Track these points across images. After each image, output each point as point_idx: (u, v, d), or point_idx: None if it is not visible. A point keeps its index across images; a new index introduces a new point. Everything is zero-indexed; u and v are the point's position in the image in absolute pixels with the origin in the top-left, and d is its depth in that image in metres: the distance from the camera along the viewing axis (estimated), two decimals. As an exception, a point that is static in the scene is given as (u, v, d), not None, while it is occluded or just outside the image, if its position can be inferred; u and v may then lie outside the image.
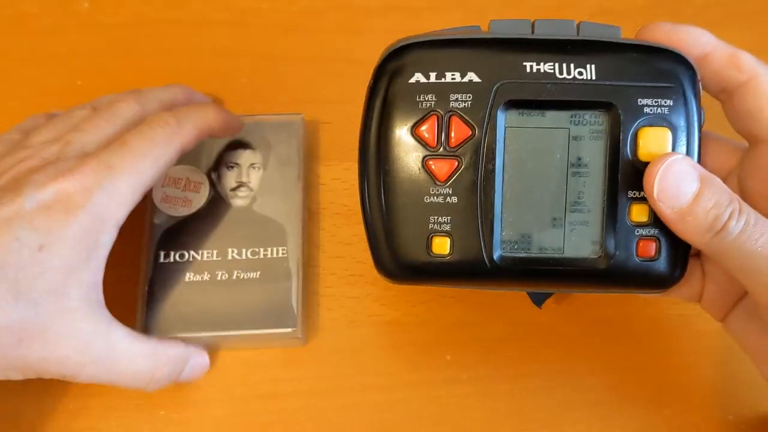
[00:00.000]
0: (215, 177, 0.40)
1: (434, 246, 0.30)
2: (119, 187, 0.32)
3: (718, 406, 0.38)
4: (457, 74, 0.30)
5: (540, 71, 0.29)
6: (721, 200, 0.28)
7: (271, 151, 0.40)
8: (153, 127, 0.34)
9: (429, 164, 0.30)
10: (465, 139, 0.30)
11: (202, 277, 0.37)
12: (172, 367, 0.35)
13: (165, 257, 0.38)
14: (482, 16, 0.39)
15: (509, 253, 0.31)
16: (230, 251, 0.38)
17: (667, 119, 0.29)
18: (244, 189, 0.39)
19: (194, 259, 0.38)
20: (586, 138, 0.30)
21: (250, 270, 0.38)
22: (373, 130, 0.30)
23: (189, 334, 0.36)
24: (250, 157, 0.40)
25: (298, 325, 0.37)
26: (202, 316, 0.37)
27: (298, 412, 0.37)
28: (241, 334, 0.37)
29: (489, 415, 0.37)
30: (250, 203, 0.39)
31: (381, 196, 0.30)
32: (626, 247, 0.30)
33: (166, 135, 0.34)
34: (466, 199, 0.30)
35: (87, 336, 0.31)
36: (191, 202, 0.39)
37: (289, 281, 0.37)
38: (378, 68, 0.30)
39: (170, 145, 0.34)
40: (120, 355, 0.32)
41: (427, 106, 0.30)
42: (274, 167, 0.40)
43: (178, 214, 0.39)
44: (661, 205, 0.28)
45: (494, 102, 0.29)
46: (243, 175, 0.40)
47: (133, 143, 0.33)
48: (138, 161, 0.33)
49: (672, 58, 0.30)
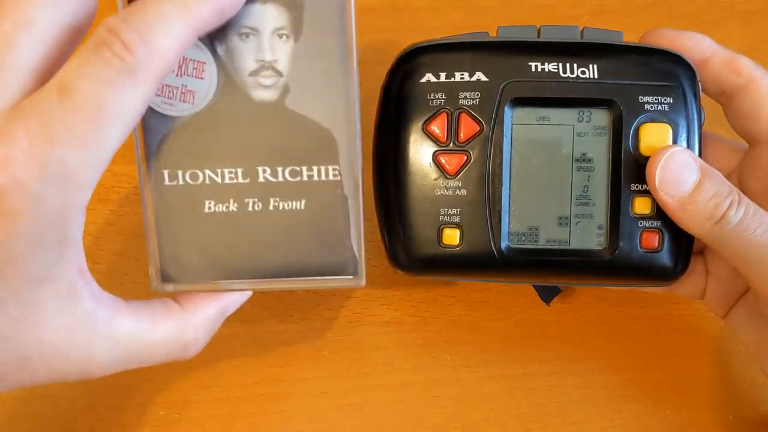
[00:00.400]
0: (223, 52, 0.27)
1: (445, 237, 0.31)
2: (71, 166, 0.23)
3: (719, 406, 0.38)
4: (466, 74, 0.31)
5: (545, 71, 0.31)
6: (720, 190, 0.29)
7: (303, 7, 0.27)
8: (104, 58, 0.23)
9: (439, 159, 0.31)
10: (473, 135, 0.31)
11: (226, 206, 0.28)
12: (209, 331, 0.29)
13: (171, 178, 0.28)
14: (484, 16, 0.40)
15: (517, 244, 0.32)
16: (261, 170, 0.28)
17: (668, 115, 0.31)
18: (269, 73, 0.28)
19: (212, 181, 0.28)
20: (590, 134, 0.31)
21: (292, 197, 0.28)
22: (387, 127, 0.32)
23: (215, 282, 0.29)
24: (273, 17, 0.27)
25: (360, 271, 0.29)
26: (233, 258, 0.29)
27: (298, 413, 0.37)
28: (282, 281, 0.29)
29: (489, 416, 0.37)
30: (281, 96, 0.28)
31: (394, 190, 0.31)
32: (630, 238, 0.31)
33: (127, 71, 0.23)
34: (475, 192, 0.31)
35: (86, 347, 0.26)
36: (193, 94, 0.28)
37: (345, 215, 0.28)
38: (391, 70, 0.32)
39: (139, 89, 0.24)
40: (135, 352, 0.28)
41: (438, 104, 0.31)
42: (311, 35, 0.27)
43: (179, 113, 0.28)
44: (662, 194, 0.29)
45: (501, 99, 0.31)
46: (265, 50, 0.27)
47: (79, 90, 0.23)
48: (92, 121, 0.23)
49: (671, 59, 0.31)
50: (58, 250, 0.24)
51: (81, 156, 0.23)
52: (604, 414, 0.37)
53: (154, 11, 0.24)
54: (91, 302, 0.26)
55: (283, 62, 0.27)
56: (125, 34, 0.23)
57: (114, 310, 0.27)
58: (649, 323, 0.38)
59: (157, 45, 0.24)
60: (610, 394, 0.38)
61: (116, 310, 0.27)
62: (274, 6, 0.27)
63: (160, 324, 0.28)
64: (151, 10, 0.24)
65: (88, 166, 0.24)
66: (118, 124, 0.24)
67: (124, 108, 0.24)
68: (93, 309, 0.26)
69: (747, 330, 0.34)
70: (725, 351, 0.38)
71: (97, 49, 0.23)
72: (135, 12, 0.24)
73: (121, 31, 0.23)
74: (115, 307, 0.27)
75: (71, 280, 0.25)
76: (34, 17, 0.24)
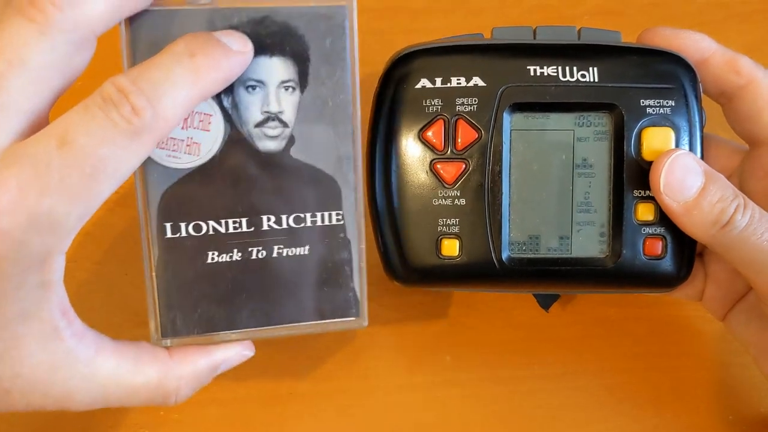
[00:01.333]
0: (229, 104, 0.28)
1: (444, 248, 0.30)
2: (58, 216, 0.23)
3: (719, 406, 0.38)
4: (463, 79, 0.30)
5: (544, 74, 0.30)
6: (726, 194, 0.29)
7: (309, 61, 0.28)
8: (110, 118, 0.23)
9: (437, 167, 0.30)
10: (472, 142, 0.30)
11: (230, 256, 0.28)
12: (194, 384, 0.29)
13: (173, 231, 0.28)
14: (482, 16, 0.40)
15: (518, 254, 0.31)
16: (265, 219, 0.28)
17: (670, 119, 0.30)
18: (275, 124, 0.28)
19: (216, 232, 0.28)
20: (591, 139, 0.31)
21: (296, 244, 0.28)
22: (381, 136, 0.31)
23: (218, 334, 0.29)
24: (280, 71, 0.27)
25: (363, 311, 0.29)
26: (234, 309, 0.28)
27: (298, 414, 0.37)
28: (285, 328, 0.29)
29: (489, 417, 0.37)
30: (286, 146, 0.28)
31: (390, 200, 0.31)
32: (633, 245, 0.30)
33: (132, 133, 0.24)
34: (474, 201, 0.30)
35: (65, 384, 0.26)
36: (199, 146, 0.27)
37: (348, 258, 0.29)
38: (384, 75, 0.31)
39: (137, 149, 0.24)
40: (114, 393, 0.27)
41: (434, 111, 0.30)
42: (317, 87, 0.28)
43: (183, 165, 0.27)
44: (667, 199, 0.29)
45: (500, 105, 0.30)
46: (272, 102, 0.28)
47: (81, 146, 0.23)
48: (88, 176, 0.23)
49: (672, 60, 0.30)
50: (40, 291, 0.25)
51: (70, 208, 0.24)
52: (604, 416, 0.37)
53: (164, 76, 0.24)
54: (73, 341, 0.26)
55: (289, 113, 0.28)
56: (135, 97, 0.23)
57: (97, 349, 0.27)
58: (648, 324, 0.38)
59: (165, 110, 0.24)
60: (610, 396, 0.38)
61: (99, 349, 0.27)
62: (280, 60, 0.27)
63: (143, 369, 0.27)
64: (162, 75, 0.24)
65: (74, 216, 0.24)
66: (113, 181, 0.24)
67: (121, 166, 0.24)
68: (74, 347, 0.26)
69: (747, 332, 0.33)
70: (725, 352, 0.38)
71: (104, 107, 0.23)
72: (145, 75, 0.24)
73: (130, 93, 0.23)
74: (98, 346, 0.27)
75: (53, 320, 0.25)
76: (28, 59, 0.23)
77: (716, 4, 0.41)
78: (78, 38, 0.24)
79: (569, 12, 0.40)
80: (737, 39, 0.40)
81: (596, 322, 0.38)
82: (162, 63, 0.25)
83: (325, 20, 0.28)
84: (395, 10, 0.40)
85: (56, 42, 0.24)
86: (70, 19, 0.24)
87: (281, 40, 0.27)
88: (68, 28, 0.24)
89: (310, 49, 0.28)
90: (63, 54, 0.24)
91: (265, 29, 0.27)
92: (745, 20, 0.41)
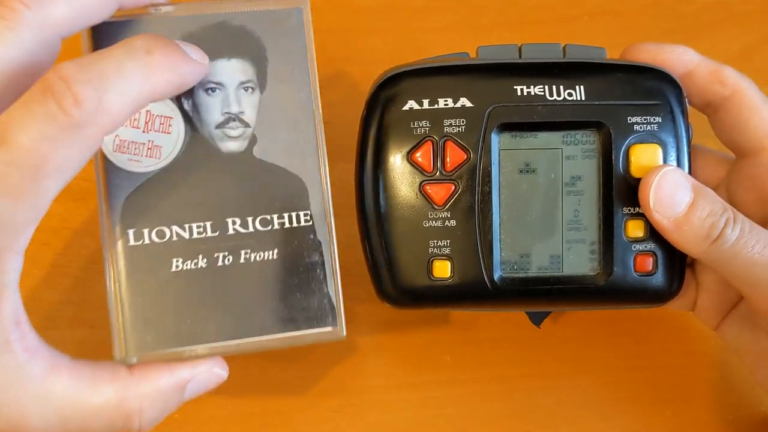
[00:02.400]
0: (189, 106, 0.28)
1: (435, 270, 0.30)
2: (4, 215, 0.23)
3: (718, 406, 0.38)
4: (450, 100, 0.30)
5: (531, 94, 0.30)
6: (715, 209, 0.29)
7: (267, 61, 0.28)
8: (49, 111, 0.23)
9: (426, 189, 0.30)
10: (460, 163, 0.30)
11: (195, 263, 0.27)
12: (160, 405, 0.27)
13: (136, 238, 0.27)
14: (482, 16, 0.40)
15: (509, 273, 0.31)
16: (230, 222, 0.27)
17: (657, 136, 0.30)
18: (235, 124, 0.28)
19: (180, 237, 0.27)
20: (579, 157, 0.31)
21: (263, 247, 0.28)
22: (369, 159, 0.31)
23: (185, 349, 0.27)
24: (238, 72, 0.28)
25: (339, 320, 0.28)
26: (201, 321, 0.27)
27: (298, 413, 0.37)
28: (258, 342, 0.28)
29: (488, 416, 0.37)
30: (248, 146, 0.28)
31: (380, 223, 0.31)
32: (624, 262, 0.30)
33: (72, 127, 0.23)
34: (465, 222, 0.30)
35: (16, 404, 0.24)
36: (160, 149, 0.27)
37: (320, 260, 0.28)
38: (371, 97, 0.31)
39: (80, 145, 0.23)
40: (71, 417, 0.25)
41: (422, 132, 0.30)
42: (275, 86, 0.28)
43: (144, 169, 0.27)
44: (657, 216, 0.29)
45: (487, 125, 0.30)
46: (232, 103, 0.28)
47: (18, 145, 0.22)
48: (30, 174, 0.23)
49: (658, 76, 0.30)
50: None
51: (15, 206, 0.23)
52: (604, 414, 0.37)
53: (115, 67, 0.23)
54: (25, 356, 0.24)
55: (250, 113, 0.28)
56: (78, 87, 0.22)
57: (51, 367, 0.25)
58: (648, 323, 0.38)
59: (110, 103, 0.23)
60: (609, 395, 0.38)
61: (53, 367, 0.25)
62: (238, 61, 0.28)
63: (101, 388, 0.26)
64: (112, 66, 0.23)
65: (21, 215, 0.23)
66: (57, 178, 0.23)
67: (64, 164, 0.23)
68: (26, 363, 0.24)
69: (740, 341, 0.33)
70: (724, 351, 0.38)
71: (43, 98, 0.22)
72: (95, 64, 0.23)
73: (74, 82, 0.23)
74: (52, 363, 0.25)
75: (5, 330, 0.24)
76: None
77: (716, 4, 0.41)
78: (44, 38, 0.24)
79: (568, 12, 0.40)
80: (737, 39, 0.40)
81: (596, 321, 0.38)
82: (115, 54, 0.24)
83: (280, 22, 0.28)
84: (395, 9, 0.40)
85: (23, 38, 0.24)
86: (38, 18, 0.24)
87: (239, 42, 0.28)
88: (35, 27, 0.24)
89: (268, 50, 0.28)
90: (28, 51, 0.24)
91: (223, 33, 0.28)
92: (745, 20, 0.41)
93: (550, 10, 0.40)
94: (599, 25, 0.40)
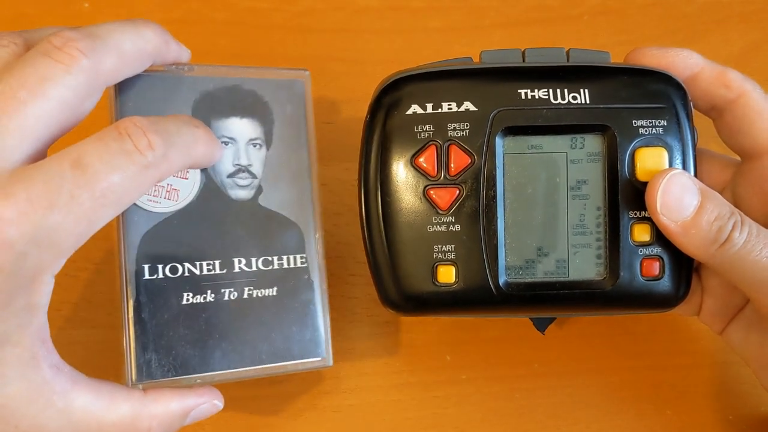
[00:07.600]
0: None
1: (440, 275, 0.30)
2: (61, 234, 0.25)
3: (719, 406, 0.38)
4: (454, 104, 0.30)
5: (535, 97, 0.30)
6: (722, 212, 0.29)
7: (273, 123, 0.32)
8: (125, 148, 0.26)
9: (430, 194, 0.30)
10: (465, 168, 0.30)
11: (204, 297, 0.30)
12: (166, 427, 0.29)
13: (151, 272, 0.29)
14: (484, 16, 0.40)
15: (515, 278, 0.31)
16: (236, 261, 0.30)
17: (663, 139, 0.30)
18: (245, 175, 0.31)
19: (191, 274, 0.30)
20: (584, 161, 0.30)
21: (264, 285, 0.31)
22: (373, 163, 0.30)
23: (193, 377, 0.30)
24: (248, 130, 0.31)
25: (328, 352, 0.32)
26: (207, 350, 0.30)
27: (298, 413, 0.37)
28: (257, 370, 0.31)
29: (489, 416, 0.37)
30: (255, 195, 0.31)
31: (384, 228, 0.30)
32: (630, 267, 0.30)
33: (143, 165, 0.26)
34: (469, 227, 0.30)
35: (37, 417, 0.26)
36: (178, 193, 0.30)
37: (313, 298, 0.31)
38: (374, 102, 0.31)
39: (143, 181, 0.26)
40: (87, 429, 0.27)
41: (426, 137, 0.30)
42: (280, 145, 0.32)
43: (162, 209, 0.30)
44: (664, 220, 0.29)
45: (492, 129, 0.30)
46: (242, 156, 0.31)
47: (95, 171, 0.25)
48: (97, 199, 0.25)
49: (662, 79, 0.30)
50: (25, 314, 0.25)
51: (73, 227, 0.25)
52: (604, 414, 0.37)
53: (176, 129, 0.28)
54: (51, 372, 0.26)
55: (257, 166, 0.31)
56: (152, 135, 0.26)
57: (73, 383, 0.27)
58: (648, 323, 0.38)
59: (173, 154, 0.27)
60: (610, 395, 0.38)
61: (75, 383, 0.27)
62: (249, 120, 0.31)
63: (117, 405, 0.28)
64: (174, 128, 0.27)
65: (74, 236, 0.25)
66: (116, 207, 0.26)
67: (126, 195, 0.26)
68: (51, 378, 0.26)
69: (746, 346, 0.33)
70: (725, 351, 0.38)
71: (120, 137, 0.26)
72: (160, 122, 0.27)
73: (148, 130, 0.26)
74: (74, 380, 0.27)
75: (33, 347, 0.26)
76: (50, 93, 0.25)
77: (716, 4, 0.41)
78: (94, 84, 0.27)
79: (569, 12, 0.40)
80: (738, 39, 0.40)
81: (597, 321, 0.38)
82: (173, 120, 0.28)
83: (286, 90, 0.32)
84: (396, 10, 0.40)
85: (77, 82, 0.26)
86: (92, 66, 0.26)
87: (250, 104, 0.31)
88: (89, 73, 0.26)
89: (274, 113, 0.32)
90: (79, 95, 0.26)
91: (236, 95, 0.31)
92: (745, 20, 0.41)
93: (550, 10, 0.40)
94: (600, 24, 0.40)
